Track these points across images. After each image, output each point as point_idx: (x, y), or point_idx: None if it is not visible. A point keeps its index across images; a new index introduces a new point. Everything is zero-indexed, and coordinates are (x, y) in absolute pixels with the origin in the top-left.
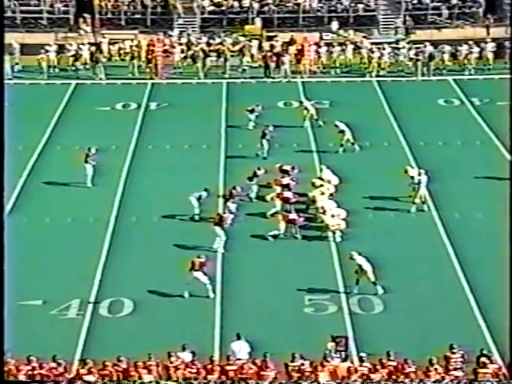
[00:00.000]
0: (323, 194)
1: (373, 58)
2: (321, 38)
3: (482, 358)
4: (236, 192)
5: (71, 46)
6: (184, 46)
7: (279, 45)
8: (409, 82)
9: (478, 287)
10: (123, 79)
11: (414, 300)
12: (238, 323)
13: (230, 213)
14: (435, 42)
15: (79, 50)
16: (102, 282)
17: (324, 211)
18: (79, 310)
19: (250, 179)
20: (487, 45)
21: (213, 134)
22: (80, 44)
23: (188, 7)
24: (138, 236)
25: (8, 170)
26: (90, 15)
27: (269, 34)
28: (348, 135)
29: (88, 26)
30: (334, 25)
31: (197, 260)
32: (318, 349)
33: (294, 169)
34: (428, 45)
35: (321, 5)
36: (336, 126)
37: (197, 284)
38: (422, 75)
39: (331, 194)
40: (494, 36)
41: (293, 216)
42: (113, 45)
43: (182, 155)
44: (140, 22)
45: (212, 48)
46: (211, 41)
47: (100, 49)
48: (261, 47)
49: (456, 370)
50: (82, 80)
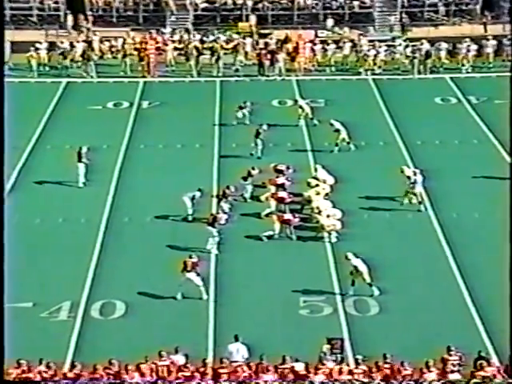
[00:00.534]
0: (319, 194)
1: (368, 55)
2: (316, 36)
3: (480, 361)
4: (229, 192)
5: (62, 43)
6: (177, 44)
7: (273, 42)
8: (405, 80)
9: (476, 288)
10: (115, 77)
11: (411, 301)
12: (232, 325)
13: (223, 213)
14: (432, 40)
15: (70, 48)
16: (93, 284)
17: (319, 211)
18: (70, 313)
19: (245, 179)
20: (488, 42)
21: (206, 132)
22: (70, 41)
23: (181, 4)
24: (131, 237)
25: None
26: (81, 13)
27: (263, 32)
28: (343, 134)
29: (79, 23)
30: (330, 22)
31: (189, 260)
32: (313, 351)
33: (288, 168)
34: (425, 42)
35: (316, 2)
36: (331, 124)
37: (190, 285)
38: (419, 73)
39: (327, 194)
40: (491, 33)
41: (288, 216)
42: (103, 43)
43: (175, 154)
44: (132, 20)
45: (205, 46)
46: (205, 38)
47: (91, 46)
48: (255, 45)
49: (453, 372)
50: (73, 78)
